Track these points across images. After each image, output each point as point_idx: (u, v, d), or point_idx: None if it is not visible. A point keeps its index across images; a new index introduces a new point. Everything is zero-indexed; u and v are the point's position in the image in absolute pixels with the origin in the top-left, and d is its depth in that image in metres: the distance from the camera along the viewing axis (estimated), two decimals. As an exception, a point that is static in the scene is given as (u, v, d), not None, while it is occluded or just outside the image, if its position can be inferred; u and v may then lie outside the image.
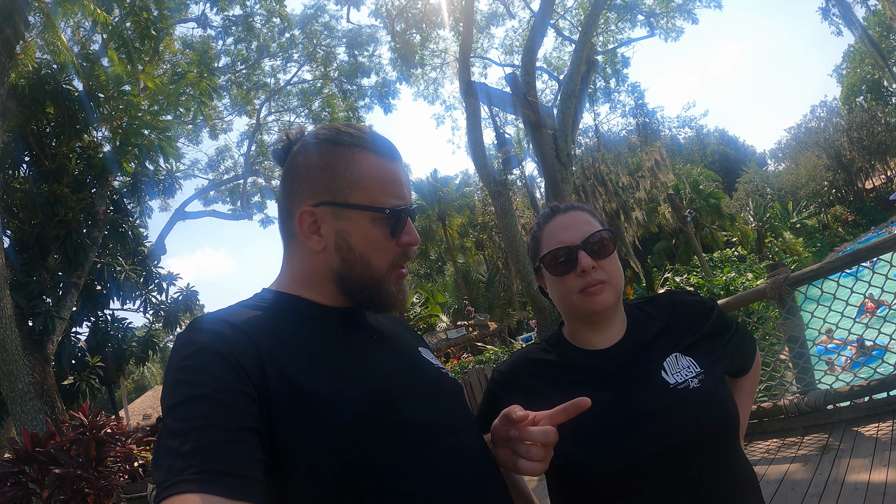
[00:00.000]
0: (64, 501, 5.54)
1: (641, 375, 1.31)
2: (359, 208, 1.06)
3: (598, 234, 1.36)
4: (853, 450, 4.30)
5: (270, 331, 0.97)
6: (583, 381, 1.35)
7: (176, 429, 0.79)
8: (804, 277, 5.09)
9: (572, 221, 1.39)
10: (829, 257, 34.59)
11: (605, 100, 21.78)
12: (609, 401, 1.27)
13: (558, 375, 1.39)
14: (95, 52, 9.28)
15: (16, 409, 6.43)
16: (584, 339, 1.41)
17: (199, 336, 0.91)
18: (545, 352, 1.46)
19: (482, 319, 27.00)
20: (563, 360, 1.42)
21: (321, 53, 20.02)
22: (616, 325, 1.40)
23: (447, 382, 1.17)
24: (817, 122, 55.64)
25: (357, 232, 1.06)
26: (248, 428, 0.82)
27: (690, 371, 1.29)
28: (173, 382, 0.86)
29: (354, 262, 1.07)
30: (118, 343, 9.83)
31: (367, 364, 1.02)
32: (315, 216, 1.07)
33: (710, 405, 1.25)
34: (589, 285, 1.33)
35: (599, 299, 1.32)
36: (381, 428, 0.94)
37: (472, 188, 38.58)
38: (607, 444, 1.24)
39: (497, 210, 12.29)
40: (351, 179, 1.06)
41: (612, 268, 1.36)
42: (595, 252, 1.34)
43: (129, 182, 10.10)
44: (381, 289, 1.09)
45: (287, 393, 0.90)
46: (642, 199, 24.35)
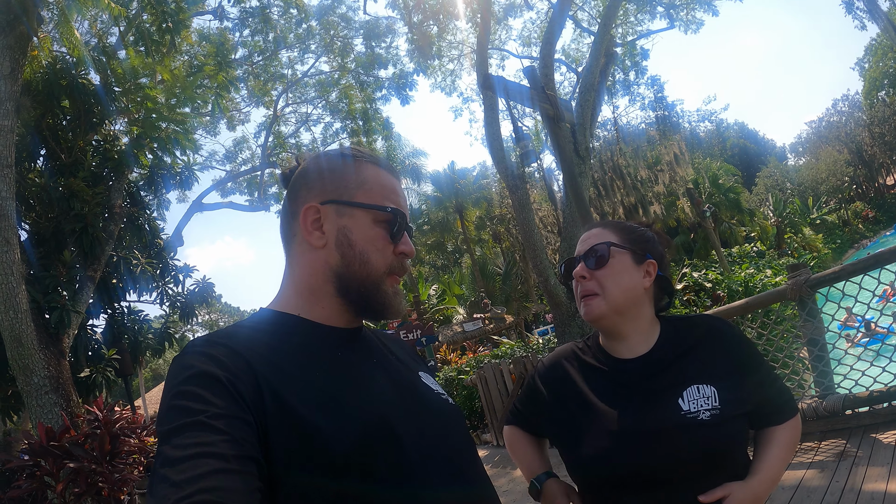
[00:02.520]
0: (78, 495, 5.61)
1: (659, 395, 1.38)
2: (362, 206, 1.10)
3: (595, 247, 1.48)
4: (871, 457, 4.20)
5: (268, 356, 0.96)
6: (604, 386, 1.46)
7: (171, 456, 0.78)
8: (825, 279, 4.99)
9: (588, 236, 1.54)
10: (849, 255, 34.26)
11: (624, 92, 21.57)
12: (624, 413, 1.38)
13: (586, 376, 1.51)
14: (112, 46, 9.31)
15: (31, 402, 6.50)
16: (609, 345, 1.52)
17: (197, 360, 0.90)
18: (581, 351, 1.58)
19: (499, 312, 26.97)
20: (593, 362, 1.53)
21: (338, 44, 20.00)
22: (638, 337, 1.48)
23: (447, 410, 1.17)
24: (838, 116, 54.96)
25: (358, 229, 1.09)
26: (245, 456, 0.80)
27: (708, 402, 1.34)
28: (169, 408, 0.85)
29: (354, 259, 1.08)
30: (134, 335, 9.90)
31: (365, 392, 1.01)
32: (319, 213, 1.10)
33: (710, 440, 1.30)
34: (582, 294, 1.47)
35: (589, 308, 1.45)
36: (378, 459, 0.93)
37: (489, 180, 38.45)
38: (613, 453, 1.34)
39: (514, 204, 12.22)
40: (357, 181, 1.11)
41: (608, 280, 1.45)
42: (591, 263, 1.48)
43: (146, 175, 10.15)
44: (377, 290, 1.10)
45: (283, 421, 0.89)
46: (661, 193, 24.13)
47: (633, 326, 1.48)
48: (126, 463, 6.20)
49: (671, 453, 1.30)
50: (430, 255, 45.41)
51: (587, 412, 1.44)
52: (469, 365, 12.39)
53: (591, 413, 1.43)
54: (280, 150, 21.85)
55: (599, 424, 1.38)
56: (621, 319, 1.46)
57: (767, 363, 1.49)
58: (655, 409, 1.36)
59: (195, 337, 1.08)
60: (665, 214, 26.06)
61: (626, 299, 1.46)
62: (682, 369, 1.40)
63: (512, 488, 6.76)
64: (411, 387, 1.14)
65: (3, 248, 6.31)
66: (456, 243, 43.11)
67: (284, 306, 1.11)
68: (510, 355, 11.04)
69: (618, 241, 1.49)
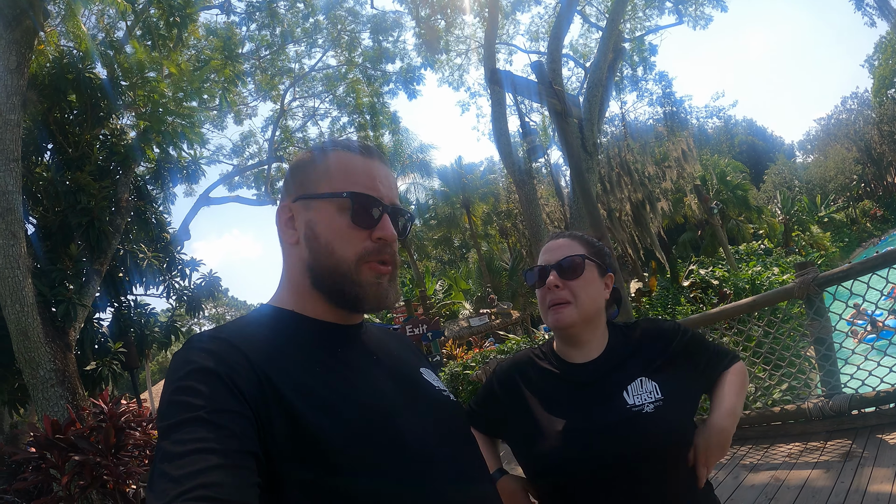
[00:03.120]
0: (83, 487, 5.62)
1: (606, 393, 1.46)
2: (321, 197, 1.09)
3: (570, 258, 1.56)
4: (876, 458, 4.20)
5: (268, 351, 0.96)
6: (559, 391, 1.53)
7: (171, 452, 0.78)
8: (833, 278, 4.97)
9: (558, 246, 1.62)
10: (857, 253, 34.06)
11: (632, 88, 21.50)
12: (575, 413, 1.46)
13: (541, 381, 1.59)
14: (119, 40, 9.31)
15: (37, 395, 6.53)
16: (565, 351, 1.61)
17: (197, 356, 0.91)
18: (538, 358, 1.66)
19: (505, 307, 26.98)
20: (548, 368, 1.60)
21: (345, 39, 19.97)
22: (593, 343, 1.58)
23: (449, 406, 1.18)
24: (847, 113, 54.69)
25: (322, 221, 1.08)
26: (244, 451, 0.81)
27: (651, 396, 1.42)
28: (169, 403, 0.85)
29: (320, 251, 1.08)
30: (141, 328, 9.93)
31: (364, 388, 1.02)
32: (291, 211, 1.13)
33: (657, 431, 1.37)
34: (553, 302, 1.55)
35: (560, 317, 1.53)
36: (379, 456, 0.93)
37: (496, 175, 38.43)
38: (566, 452, 1.40)
39: (521, 199, 12.22)
40: (320, 172, 1.11)
41: (582, 290, 1.54)
42: (565, 273, 1.55)
43: (152, 169, 10.16)
44: (349, 280, 1.07)
45: (283, 417, 0.89)
46: (668, 189, 24.02)
47: (592, 334, 1.58)
48: (131, 456, 6.22)
49: (619, 446, 1.37)
50: (436, 249, 45.46)
51: (540, 414, 1.50)
52: (475, 360, 12.39)
53: (543, 414, 1.50)
54: (287, 145, 21.86)
55: (552, 425, 1.45)
56: (586, 327, 1.56)
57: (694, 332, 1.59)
58: (604, 407, 1.44)
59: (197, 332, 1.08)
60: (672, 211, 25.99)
61: (594, 309, 1.56)
62: (628, 369, 1.50)
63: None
64: (412, 383, 1.14)
65: (10, 241, 6.33)
66: (463, 238, 43.11)
67: (281, 302, 1.12)
68: (516, 351, 11.01)
69: (587, 254, 1.59)
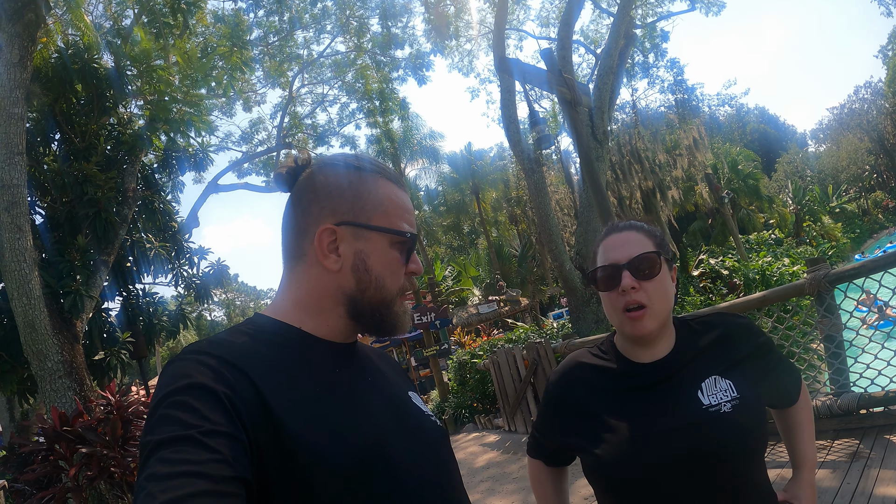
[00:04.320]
0: (91, 478, 5.68)
1: (679, 393, 1.37)
2: (381, 230, 1.07)
3: (644, 256, 1.40)
4: (884, 460, 4.16)
5: (268, 371, 0.93)
6: (626, 392, 1.43)
7: (158, 473, 0.74)
8: (845, 275, 4.91)
9: (624, 240, 1.44)
10: (868, 244, 33.79)
11: (643, 75, 21.35)
12: (646, 414, 1.36)
13: (606, 383, 1.47)
14: (126, 28, 9.28)
15: (45, 386, 6.58)
16: (632, 352, 1.47)
17: (194, 369, 0.87)
18: (597, 357, 1.54)
19: (514, 295, 27.01)
20: (612, 368, 1.49)
21: (354, 24, 19.87)
22: (663, 342, 1.45)
23: (436, 432, 1.15)
24: (861, 103, 54.22)
25: (375, 253, 1.06)
26: (234, 478, 0.77)
27: (727, 395, 1.34)
28: (161, 416, 0.81)
29: (370, 283, 1.06)
30: (149, 317, 9.98)
31: (362, 414, 1.00)
32: (336, 234, 1.06)
33: (737, 431, 1.30)
34: (628, 306, 1.38)
35: (639, 325, 1.38)
36: (373, 484, 0.91)
37: (506, 162, 38.33)
38: (636, 454, 1.32)
39: (530, 187, 12.16)
40: (374, 202, 1.08)
41: (657, 291, 1.39)
42: (640, 273, 1.39)
43: (160, 157, 10.17)
44: (390, 311, 1.09)
45: (279, 442, 0.86)
46: (679, 177, 23.84)
47: (664, 333, 1.45)
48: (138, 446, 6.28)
49: (701, 447, 1.29)
50: (446, 236, 45.48)
51: (608, 417, 1.41)
52: (482, 349, 12.38)
53: (612, 417, 1.40)
54: (296, 131, 21.85)
55: (623, 427, 1.37)
56: (661, 328, 1.43)
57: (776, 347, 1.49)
58: (678, 407, 1.35)
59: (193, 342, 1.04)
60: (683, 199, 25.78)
61: (668, 309, 1.43)
62: (699, 366, 1.40)
63: (523, 475, 6.79)
64: (403, 408, 1.12)
65: (16, 235, 6.35)
66: (472, 224, 43.12)
67: (284, 316, 1.07)
68: (524, 340, 11.01)
69: (656, 249, 1.44)
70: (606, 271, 1.43)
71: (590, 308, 11.43)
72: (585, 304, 11.50)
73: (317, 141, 22.52)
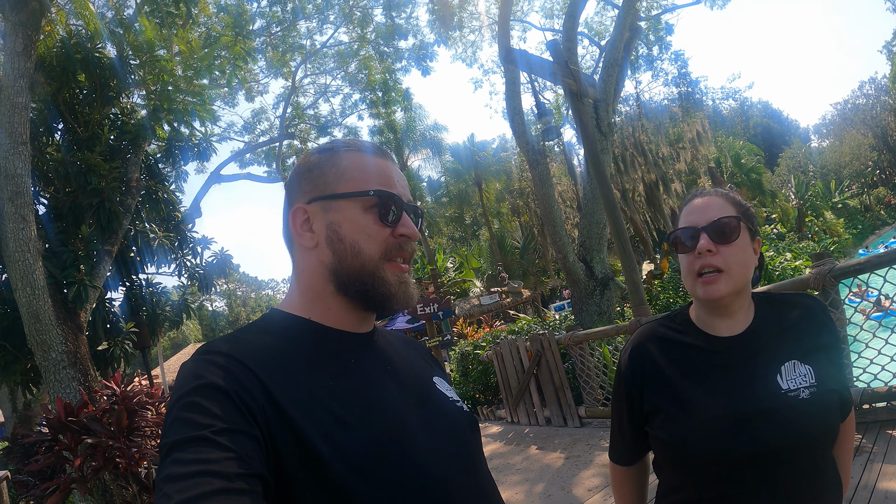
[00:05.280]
0: (96, 469, 5.69)
1: (758, 374, 1.35)
2: (345, 196, 1.07)
3: (724, 220, 1.39)
4: (886, 454, 4.21)
5: (278, 366, 0.94)
6: (704, 367, 1.41)
7: (174, 474, 0.76)
8: (850, 270, 4.90)
9: (706, 204, 1.43)
10: (870, 240, 33.77)
11: (647, 68, 21.24)
12: (724, 393, 1.35)
13: (682, 356, 1.45)
14: (129, 18, 9.22)
15: (49, 377, 6.57)
16: (708, 322, 1.45)
17: (204, 369, 0.88)
18: (672, 330, 1.51)
19: (516, 286, 27.00)
20: (688, 341, 1.46)
21: (358, 15, 19.78)
22: (740, 313, 1.43)
23: (462, 420, 1.14)
24: (865, 99, 54.27)
25: (346, 221, 1.06)
26: (249, 474, 0.78)
27: (805, 380, 1.32)
28: (174, 419, 0.83)
29: (345, 252, 1.06)
30: (152, 308, 9.97)
31: (377, 405, 0.99)
32: (307, 213, 1.09)
33: (815, 418, 1.29)
34: (703, 269, 1.38)
35: (711, 289, 1.37)
36: (389, 478, 0.91)
37: (509, 153, 38.30)
38: (714, 436, 1.31)
39: (534, 179, 12.10)
40: (338, 173, 1.08)
41: (734, 257, 1.38)
42: (718, 236, 1.38)
43: (163, 147, 10.12)
44: (374, 278, 1.06)
45: (290, 438, 0.87)
46: (682, 170, 23.83)
47: (740, 304, 1.43)
48: (143, 436, 6.27)
49: (779, 432, 1.28)
50: (448, 227, 45.45)
51: (687, 392, 1.39)
52: (485, 340, 12.39)
53: (691, 393, 1.39)
54: (298, 122, 21.79)
55: (701, 406, 1.35)
56: (735, 298, 1.41)
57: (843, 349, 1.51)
58: (756, 389, 1.33)
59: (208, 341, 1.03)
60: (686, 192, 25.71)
61: (746, 278, 1.41)
62: (778, 347, 1.37)
63: (527, 466, 6.79)
64: (426, 397, 1.11)
65: (20, 225, 6.32)
66: (474, 216, 43.07)
67: (294, 308, 1.09)
68: (527, 331, 11.01)
69: (739, 215, 1.42)
70: (685, 233, 1.43)
71: (593, 300, 11.40)
72: (588, 295, 11.47)
73: (319, 131, 22.47)
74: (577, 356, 8.01)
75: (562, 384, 8.19)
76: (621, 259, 8.09)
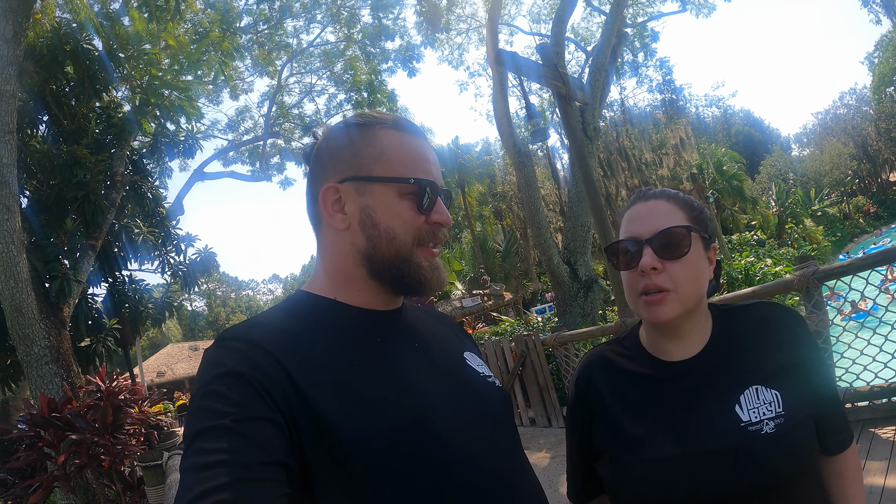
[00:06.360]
0: (79, 466, 5.59)
1: (712, 405, 1.14)
2: (382, 180, 1.02)
3: (672, 230, 1.16)
4: (869, 451, 4.27)
5: (301, 350, 0.92)
6: (652, 399, 1.21)
7: (196, 463, 0.75)
8: (833, 272, 4.96)
9: (650, 211, 1.21)
10: (848, 248, 34.34)
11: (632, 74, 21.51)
12: (671, 430, 1.15)
13: (628, 386, 1.26)
14: (116, 11, 9.12)
15: (31, 372, 6.45)
16: (658, 346, 1.25)
17: (226, 356, 0.87)
18: (620, 356, 1.32)
19: (497, 289, 27.03)
20: (635, 369, 1.27)
21: (345, 15, 19.72)
22: (693, 334, 1.22)
23: (493, 396, 1.10)
24: (845, 109, 55.19)
25: (382, 206, 1.02)
26: (270, 462, 0.78)
27: (770, 410, 1.10)
28: (197, 408, 0.82)
29: (380, 238, 1.01)
30: (135, 304, 9.85)
31: (401, 384, 0.96)
32: (339, 192, 1.04)
33: (783, 456, 1.07)
34: (648, 290, 1.16)
35: (658, 310, 1.16)
36: (413, 459, 0.89)
37: (492, 156, 38.41)
38: (662, 482, 1.13)
39: (520, 181, 12.14)
40: (374, 154, 1.03)
41: (684, 273, 1.16)
42: (664, 251, 1.16)
43: (148, 143, 10.03)
44: (409, 265, 1.02)
45: (312, 422, 0.85)
46: (665, 176, 24.08)
47: (693, 323, 1.21)
48: (128, 434, 6.19)
49: (732, 478, 1.08)
50: (429, 230, 45.40)
51: (632, 430, 1.20)
52: (469, 341, 12.35)
53: (636, 431, 1.20)
54: (283, 121, 21.67)
55: (648, 446, 1.16)
56: (687, 318, 1.20)
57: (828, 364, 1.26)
58: (711, 424, 1.12)
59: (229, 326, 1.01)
60: (669, 197, 25.97)
61: (698, 294, 1.19)
62: (737, 371, 1.16)
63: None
64: (455, 373, 1.08)
65: (4, 215, 6.20)
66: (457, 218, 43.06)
67: (320, 289, 1.06)
68: (510, 333, 11.03)
69: (690, 223, 1.20)
70: (626, 246, 1.21)
71: (576, 302, 11.46)
72: (572, 298, 11.53)
73: (304, 131, 22.34)
74: (562, 357, 8.02)
75: (546, 385, 8.21)
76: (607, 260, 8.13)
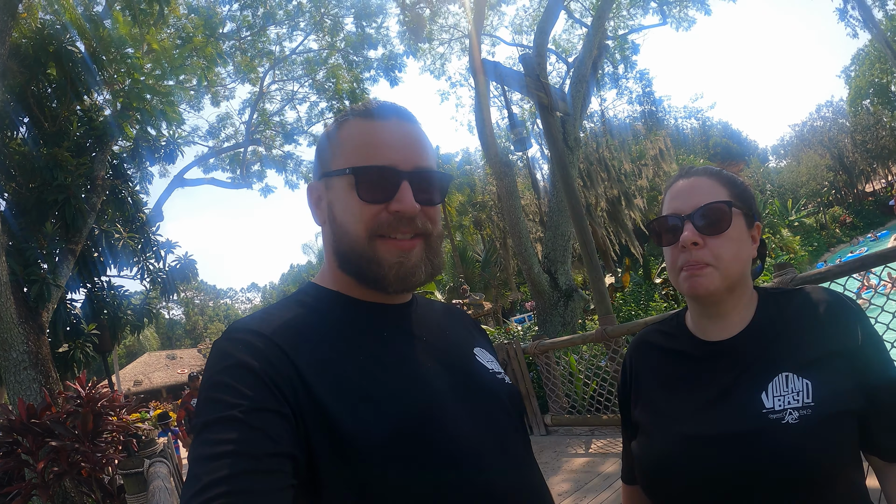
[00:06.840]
0: (58, 474, 5.49)
1: (742, 388, 1.12)
2: (330, 175, 1.03)
3: (713, 206, 1.16)
4: None
5: (306, 342, 0.92)
6: (686, 378, 1.22)
7: (204, 454, 0.76)
8: (811, 279, 5.04)
9: (692, 187, 1.21)
10: (825, 257, 34.90)
11: (613, 85, 21.71)
12: (697, 409, 1.15)
13: (666, 363, 1.27)
14: (99, 14, 9.05)
15: (9, 378, 6.34)
16: (700, 325, 1.25)
17: (234, 348, 0.87)
18: (663, 334, 1.33)
19: (477, 299, 27.06)
20: (676, 347, 1.27)
21: (328, 23, 19.74)
22: (735, 314, 1.20)
23: (501, 392, 1.08)
24: (822, 121, 56.21)
25: (337, 200, 1.02)
26: (277, 454, 0.78)
27: (797, 400, 1.04)
28: (205, 399, 0.83)
29: (338, 232, 1.02)
30: (114, 311, 9.72)
31: (406, 378, 0.95)
32: (318, 190, 1.07)
33: (797, 450, 1.01)
34: (689, 263, 1.16)
35: (698, 281, 1.15)
36: (417, 453, 0.88)
37: (472, 166, 38.57)
38: (676, 460, 1.13)
39: (501, 191, 12.22)
40: (336, 147, 1.03)
41: (725, 248, 1.15)
42: (705, 226, 1.16)
43: (129, 147, 9.92)
44: (365, 259, 0.99)
45: (318, 414, 0.85)
46: (644, 186, 24.32)
47: (735, 302, 1.20)
48: (107, 442, 6.08)
49: (744, 465, 1.04)
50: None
51: (659, 408, 1.22)
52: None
53: (663, 409, 1.21)
54: (264, 128, 21.56)
55: (669, 424, 1.17)
56: (728, 295, 1.18)
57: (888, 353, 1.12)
58: (735, 407, 1.10)
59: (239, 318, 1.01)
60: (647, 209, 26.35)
61: (740, 272, 1.18)
62: (773, 356, 1.12)
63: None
64: (464, 368, 1.06)
65: (-16, 217, 6.12)
66: (437, 228, 43.11)
67: (325, 281, 1.07)
68: (493, 342, 11.04)
69: (732, 199, 1.19)
70: (667, 222, 1.22)
71: (556, 311, 11.56)
72: (552, 306, 11.62)
73: (285, 138, 22.26)
74: (543, 365, 8.07)
75: (528, 393, 8.23)
76: (588, 269, 8.20)
